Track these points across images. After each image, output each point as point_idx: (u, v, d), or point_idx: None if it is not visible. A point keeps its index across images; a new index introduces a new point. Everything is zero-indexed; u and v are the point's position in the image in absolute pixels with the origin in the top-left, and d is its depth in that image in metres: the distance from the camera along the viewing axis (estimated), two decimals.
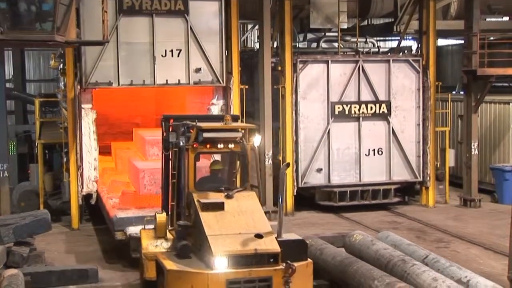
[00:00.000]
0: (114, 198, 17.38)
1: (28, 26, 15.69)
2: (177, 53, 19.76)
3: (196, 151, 11.80)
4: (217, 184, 12.24)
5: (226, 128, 12.02)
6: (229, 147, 11.91)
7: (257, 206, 11.67)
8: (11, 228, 15.00)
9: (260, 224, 11.19)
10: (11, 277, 12.45)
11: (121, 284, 14.11)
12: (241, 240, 10.69)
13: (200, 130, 11.64)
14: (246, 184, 12.25)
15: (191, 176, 11.79)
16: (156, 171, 15.68)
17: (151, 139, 18.90)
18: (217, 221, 10.99)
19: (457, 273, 12.26)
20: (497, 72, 22.36)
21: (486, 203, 22.62)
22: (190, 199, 11.64)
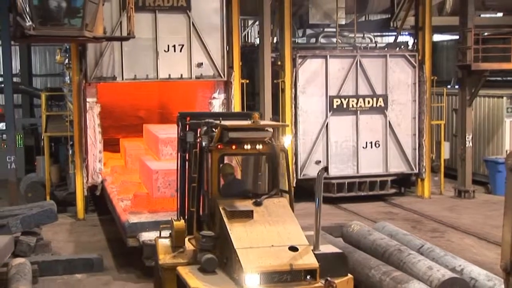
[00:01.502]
0: (125, 200, 15.86)
1: (58, 22, 15.74)
2: (179, 48, 19.76)
3: (220, 152, 10.05)
4: (243, 189, 10.59)
5: (254, 127, 10.12)
6: (256, 148, 10.08)
7: (289, 214, 9.94)
8: (18, 218, 15.05)
9: (294, 235, 9.53)
10: (19, 265, 12.50)
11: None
12: (274, 254, 9.11)
13: (226, 129, 9.91)
14: (275, 189, 10.38)
15: (214, 181, 10.02)
16: (170, 172, 14.06)
17: (164, 137, 17.32)
18: (246, 232, 9.40)
19: (451, 262, 12.29)
20: (491, 67, 22.39)
21: (480, 194, 22.65)
22: (214, 206, 9.93)
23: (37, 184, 21.42)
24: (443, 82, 27.06)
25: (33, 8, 15.31)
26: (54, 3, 15.50)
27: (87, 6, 15.70)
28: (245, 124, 10.22)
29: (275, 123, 12.39)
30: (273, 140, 10.23)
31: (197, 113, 12.94)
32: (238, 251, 9.00)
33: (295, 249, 9.19)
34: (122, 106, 23.76)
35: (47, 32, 15.74)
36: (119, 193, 16.73)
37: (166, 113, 24.68)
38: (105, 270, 14.66)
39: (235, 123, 10.23)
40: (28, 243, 14.67)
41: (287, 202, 10.18)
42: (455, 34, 26.42)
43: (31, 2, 15.26)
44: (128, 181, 17.46)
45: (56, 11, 15.59)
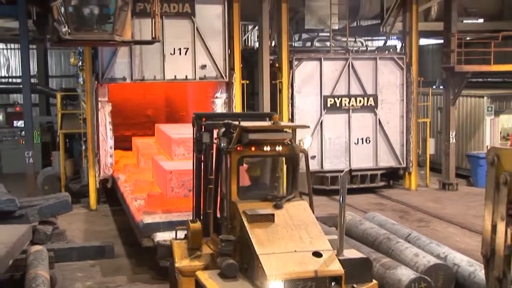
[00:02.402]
0: (139, 199, 15.05)
1: (91, 27, 15.87)
2: (184, 51, 19.76)
3: (239, 154, 9.14)
4: (261, 192, 9.60)
5: (274, 128, 9.31)
6: (276, 149, 9.20)
7: (311, 218, 9.08)
8: (36, 209, 15.06)
9: (316, 240, 8.65)
10: (36, 252, 12.50)
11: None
12: (298, 260, 8.24)
13: (245, 130, 9.04)
14: (295, 191, 9.49)
15: (234, 183, 9.11)
16: (184, 172, 13.69)
17: (177, 138, 16.41)
18: (268, 236, 8.50)
19: (436, 250, 12.33)
20: (473, 69, 22.44)
21: (462, 186, 22.67)
22: (234, 209, 9.02)
23: (53, 177, 21.43)
24: (429, 82, 27.05)
25: (69, 15, 15.48)
26: (87, 11, 15.67)
27: (117, 13, 15.81)
28: (265, 125, 9.53)
29: (296, 124, 11.32)
30: (292, 141, 9.37)
31: (213, 114, 12.45)
32: (261, 257, 8.16)
33: (319, 254, 8.35)
34: (131, 105, 23.76)
35: (81, 36, 15.89)
36: (133, 192, 15.98)
37: (172, 111, 24.70)
38: (116, 256, 14.71)
39: (255, 124, 9.40)
40: (45, 232, 14.71)
41: (307, 205, 9.32)
42: (439, 39, 26.40)
43: (67, 10, 15.44)
44: (141, 180, 16.59)
45: (89, 18, 15.76)
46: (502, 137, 23.59)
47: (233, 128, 9.38)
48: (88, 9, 15.69)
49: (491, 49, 22.09)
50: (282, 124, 9.66)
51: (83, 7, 15.63)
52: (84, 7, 15.64)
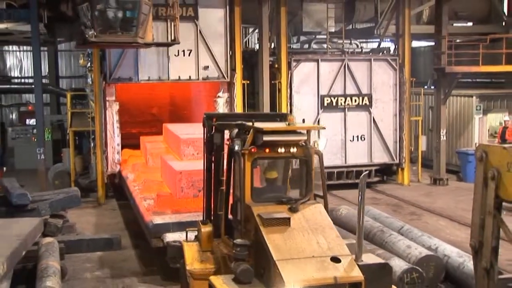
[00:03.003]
0: (148, 199, 14.41)
1: (116, 30, 15.90)
2: (188, 53, 19.77)
3: (253, 156, 8.49)
4: (276, 194, 8.92)
5: (289, 129, 8.68)
6: (291, 151, 8.58)
7: (327, 221, 8.43)
8: (47, 203, 15.08)
9: (334, 244, 8.01)
10: (48, 244, 12.54)
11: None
12: (316, 265, 7.63)
13: (259, 132, 8.42)
14: (310, 194, 8.85)
15: (247, 186, 8.46)
16: (193, 173, 13.12)
17: (186, 138, 15.80)
18: (284, 241, 7.89)
19: (427, 241, 12.35)
20: (463, 69, 22.47)
21: (452, 181, 22.68)
22: (248, 212, 8.38)
23: (63, 173, 21.44)
24: (421, 83, 27.06)
25: (94, 19, 15.55)
26: (112, 14, 15.68)
27: (139, 17, 15.90)
28: (280, 127, 8.75)
29: (312, 126, 10.28)
30: (307, 143, 8.75)
31: (223, 114, 11.81)
32: (278, 262, 7.54)
33: (337, 260, 7.72)
34: (137, 104, 23.76)
35: (106, 39, 15.95)
36: (142, 191, 15.33)
37: (176, 110, 24.70)
38: (123, 248, 14.75)
39: (270, 125, 8.68)
40: (55, 225, 14.70)
41: (323, 207, 8.66)
42: (431, 41, 26.42)
43: (93, 14, 15.51)
44: (150, 180, 15.98)
45: (114, 21, 15.76)
46: (490, 134, 23.59)
47: (246, 129, 8.76)
48: (112, 13, 15.71)
49: (480, 51, 22.14)
50: (298, 125, 8.93)
51: (108, 11, 15.66)
52: (109, 11, 15.67)
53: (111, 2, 15.63)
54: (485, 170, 7.18)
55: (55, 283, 10.55)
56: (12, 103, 33.18)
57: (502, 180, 6.99)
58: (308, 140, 8.78)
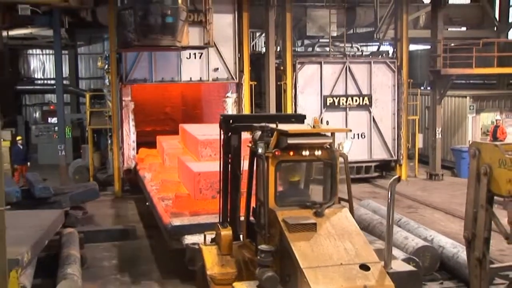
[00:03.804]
0: (166, 199, 13.70)
1: (156, 35, 16.00)
2: (199, 55, 19.79)
3: (277, 159, 7.77)
4: (299, 198, 8.18)
5: (314, 132, 7.95)
6: (315, 154, 7.87)
7: (354, 226, 7.74)
8: (68, 195, 15.16)
9: (362, 251, 7.31)
10: (69, 234, 12.61)
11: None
12: (345, 273, 6.93)
13: (284, 134, 7.74)
14: (334, 197, 8.10)
15: (271, 190, 7.74)
16: (212, 174, 12.17)
17: (204, 139, 15.01)
18: (311, 247, 7.20)
19: (423, 233, 12.35)
20: (457, 71, 22.39)
21: (447, 177, 22.64)
22: (272, 217, 7.67)
23: (83, 168, 21.51)
24: (418, 84, 27.01)
25: (137, 24, 15.68)
26: (152, 20, 15.76)
27: (178, 22, 16.02)
28: (304, 129, 8.06)
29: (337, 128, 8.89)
30: (332, 145, 8.03)
31: (240, 116, 11.15)
32: (305, 271, 6.87)
33: (366, 267, 7.05)
34: (151, 103, 23.84)
35: (147, 42, 16.06)
36: (159, 191, 14.64)
37: (187, 109, 24.77)
38: (138, 238, 14.80)
39: (295, 128, 8.06)
40: (75, 216, 14.80)
41: (348, 212, 7.98)
42: (427, 45, 26.35)
43: (136, 19, 15.65)
44: (167, 180, 15.22)
45: (155, 26, 15.87)
46: (483, 132, 23.54)
47: (270, 132, 8.01)
48: (153, 19, 15.81)
49: (473, 54, 22.04)
50: (323, 127, 8.12)
51: (149, 17, 15.77)
52: (150, 17, 15.78)
53: (152, 9, 15.72)
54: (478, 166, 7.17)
55: (75, 270, 10.61)
56: (35, 102, 33.34)
57: (494, 176, 6.98)
58: (333, 142, 8.06)
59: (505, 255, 12.10)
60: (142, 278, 12.00)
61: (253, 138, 8.20)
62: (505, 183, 6.86)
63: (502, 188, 6.93)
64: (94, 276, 12.03)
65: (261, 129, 8.14)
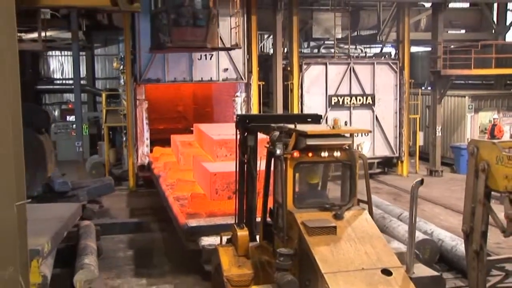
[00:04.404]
0: (181, 199, 13.14)
1: (188, 37, 16.10)
2: (209, 56, 19.78)
3: (296, 161, 7.36)
4: (317, 200, 7.72)
5: (334, 133, 7.52)
6: (334, 155, 7.47)
7: (374, 229, 7.26)
8: (85, 190, 15.23)
9: (384, 255, 6.85)
10: (86, 227, 12.66)
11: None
12: (367, 278, 6.49)
13: (303, 135, 7.32)
14: (353, 199, 7.70)
15: (289, 191, 7.32)
16: (228, 174, 11.51)
17: (219, 139, 14.39)
18: (331, 251, 6.79)
19: (424, 227, 12.34)
20: (456, 72, 22.34)
21: (446, 173, 22.59)
22: (290, 219, 7.24)
23: (99, 164, 21.59)
24: (419, 84, 26.94)
25: (170, 27, 15.79)
26: (184, 23, 15.86)
27: (208, 24, 16.13)
28: (324, 130, 7.60)
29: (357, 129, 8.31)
30: (351, 146, 7.66)
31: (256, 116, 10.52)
32: (326, 276, 6.44)
33: (388, 272, 6.58)
34: (164, 102, 23.86)
35: (180, 44, 16.14)
36: (174, 190, 14.08)
37: (199, 108, 24.77)
38: (151, 231, 14.85)
39: (314, 129, 7.62)
40: (92, 209, 14.85)
41: (368, 214, 7.53)
42: (428, 46, 26.28)
43: (169, 22, 15.75)
44: (182, 180, 14.62)
45: (187, 29, 15.98)
46: (481, 131, 23.46)
47: (289, 132, 7.58)
48: (185, 22, 15.89)
49: (472, 56, 21.99)
50: (343, 128, 7.70)
51: (182, 19, 15.84)
52: (182, 19, 15.85)
53: (184, 12, 15.79)
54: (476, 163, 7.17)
55: (92, 260, 10.66)
56: (54, 101, 33.49)
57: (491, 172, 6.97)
58: (352, 143, 7.66)
59: (501, 248, 12.08)
60: (154, 268, 12.06)
61: (271, 139, 7.76)
62: (502, 179, 6.85)
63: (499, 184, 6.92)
64: (110, 266, 12.09)
65: (279, 129, 7.72)
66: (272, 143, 7.64)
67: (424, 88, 27.89)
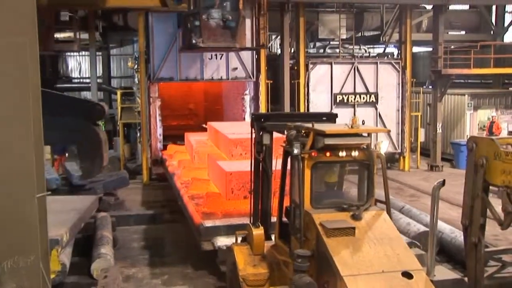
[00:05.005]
0: (196, 198, 12.51)
1: (218, 37, 16.17)
2: (220, 56, 19.80)
3: (314, 160, 6.99)
4: (335, 200, 7.30)
5: (353, 132, 7.16)
6: (352, 155, 7.10)
7: (393, 230, 6.87)
8: (101, 183, 15.28)
9: (404, 257, 6.42)
10: (102, 218, 12.74)
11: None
12: (387, 282, 6.08)
13: (321, 134, 6.96)
14: (371, 199, 7.38)
15: (307, 192, 6.95)
16: (244, 174, 11.01)
17: (235, 138, 13.70)
18: (350, 253, 6.37)
19: (424, 219, 12.34)
20: (456, 72, 22.26)
21: (446, 168, 22.52)
22: (308, 220, 6.86)
23: (114, 158, 21.62)
24: (420, 83, 26.81)
25: (202, 28, 15.90)
26: (215, 24, 15.96)
27: (237, 26, 16.21)
28: (342, 129, 7.22)
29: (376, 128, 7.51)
30: (369, 146, 7.30)
31: (271, 114, 10.27)
32: (346, 279, 6.06)
33: (409, 275, 6.15)
34: (176, 100, 23.91)
35: (210, 44, 16.21)
36: (189, 189, 13.44)
37: (209, 105, 24.81)
38: (164, 222, 14.87)
39: (332, 128, 7.24)
40: (108, 202, 14.90)
41: (387, 215, 7.15)
42: (429, 47, 26.18)
43: (200, 23, 15.87)
44: (197, 178, 13.93)
45: (216, 30, 16.09)
46: (480, 128, 23.38)
47: (306, 131, 7.24)
48: (215, 23, 15.97)
49: (471, 56, 21.91)
50: (362, 128, 7.32)
51: (212, 21, 15.93)
52: (213, 21, 15.94)
53: (214, 14, 15.87)
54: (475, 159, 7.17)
55: (108, 250, 10.73)
56: None
57: (490, 167, 6.97)
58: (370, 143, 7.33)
59: (499, 240, 12.06)
60: (167, 258, 12.10)
61: (288, 138, 7.39)
62: (499, 174, 6.85)
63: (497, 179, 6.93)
64: (125, 256, 12.15)
65: (296, 128, 7.38)
66: (289, 142, 7.31)
67: (425, 86, 27.77)
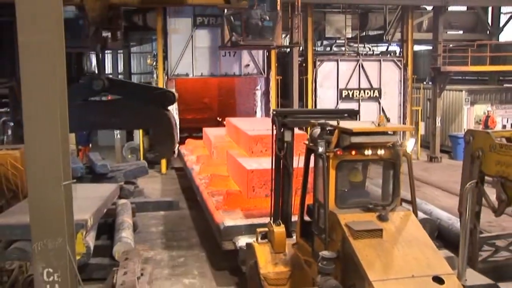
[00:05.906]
0: (216, 195, 11.92)
1: (257, 36, 16.18)
2: (233, 53, 19.81)
3: (339, 159, 6.39)
4: (360, 200, 6.64)
5: (379, 130, 6.57)
6: (378, 153, 6.50)
7: (421, 232, 6.20)
8: (122, 172, 15.37)
9: (434, 260, 5.77)
10: (123, 205, 12.79)
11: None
12: (417, 287, 5.47)
13: (347, 133, 6.33)
14: (397, 199, 6.77)
15: (332, 191, 6.34)
16: (265, 172, 10.22)
17: (255, 135, 12.81)
18: (378, 256, 5.74)
19: (424, 208, 12.32)
20: (454, 69, 22.16)
21: (445, 159, 22.42)
22: (333, 220, 6.25)
23: (135, 149, 21.71)
24: (421, 79, 26.69)
25: (242, 27, 15.92)
26: (254, 23, 15.93)
27: (274, 25, 16.20)
28: (368, 127, 6.61)
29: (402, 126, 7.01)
30: (395, 144, 6.65)
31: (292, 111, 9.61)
32: (375, 284, 5.44)
33: (440, 280, 5.52)
34: (192, 94, 23.94)
35: (250, 42, 16.24)
36: (208, 185, 12.87)
37: (223, 100, 24.84)
38: (181, 209, 14.92)
39: (358, 126, 6.60)
40: (128, 189, 14.94)
41: (414, 215, 6.54)
42: (429, 45, 26.03)
43: (241, 23, 15.88)
44: (216, 175, 13.25)
45: (256, 29, 16.05)
46: (476, 122, 23.24)
47: (331, 129, 6.61)
48: (255, 22, 15.96)
49: (469, 54, 21.82)
50: (388, 126, 6.78)
51: (252, 21, 15.92)
52: (252, 21, 15.93)
53: (253, 14, 15.84)
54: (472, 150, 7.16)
55: (129, 234, 10.79)
56: None
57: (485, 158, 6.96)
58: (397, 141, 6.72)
59: (493, 226, 12.02)
60: (183, 242, 12.17)
61: (312, 136, 6.82)
62: (494, 165, 6.85)
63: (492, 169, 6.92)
64: (144, 240, 12.23)
65: (320, 126, 6.76)
66: (313, 140, 6.74)
67: (426, 83, 27.62)
